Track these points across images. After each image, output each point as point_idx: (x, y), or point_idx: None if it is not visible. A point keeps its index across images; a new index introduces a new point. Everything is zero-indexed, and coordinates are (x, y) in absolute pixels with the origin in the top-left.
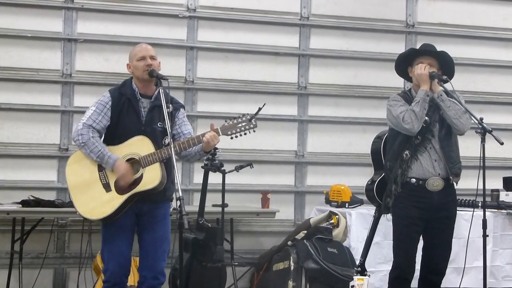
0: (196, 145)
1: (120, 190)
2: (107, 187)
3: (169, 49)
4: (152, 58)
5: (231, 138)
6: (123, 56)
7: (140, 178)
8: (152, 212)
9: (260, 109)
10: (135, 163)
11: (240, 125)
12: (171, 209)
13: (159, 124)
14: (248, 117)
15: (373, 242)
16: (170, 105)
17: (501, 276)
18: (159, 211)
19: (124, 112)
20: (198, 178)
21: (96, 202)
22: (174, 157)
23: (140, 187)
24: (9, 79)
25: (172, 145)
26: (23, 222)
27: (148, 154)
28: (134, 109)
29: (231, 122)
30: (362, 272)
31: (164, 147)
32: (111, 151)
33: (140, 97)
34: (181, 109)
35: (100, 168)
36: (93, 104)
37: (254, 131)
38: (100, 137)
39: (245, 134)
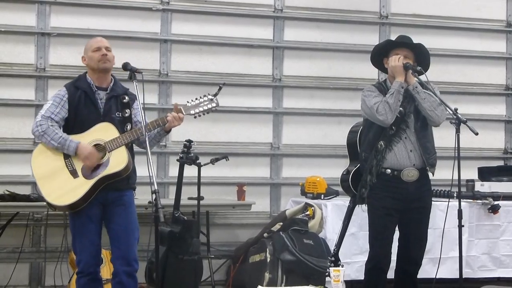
0: (160, 126)
1: (88, 176)
2: (74, 174)
3: (143, 42)
4: (107, 49)
5: (194, 117)
6: None
7: (107, 162)
8: (118, 201)
9: (220, 88)
10: (100, 149)
11: (202, 104)
12: (147, 202)
13: (117, 114)
14: (210, 96)
15: (348, 233)
16: (126, 96)
17: (477, 266)
18: (124, 198)
19: (81, 105)
20: (173, 171)
21: (64, 189)
22: (149, 151)
23: (108, 170)
24: None
25: (146, 133)
26: None
27: (113, 138)
28: (92, 101)
29: (193, 102)
30: (336, 262)
31: (127, 132)
32: (75, 139)
33: (96, 89)
34: (135, 100)
35: (66, 156)
36: (50, 99)
37: (216, 109)
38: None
39: (207, 113)
